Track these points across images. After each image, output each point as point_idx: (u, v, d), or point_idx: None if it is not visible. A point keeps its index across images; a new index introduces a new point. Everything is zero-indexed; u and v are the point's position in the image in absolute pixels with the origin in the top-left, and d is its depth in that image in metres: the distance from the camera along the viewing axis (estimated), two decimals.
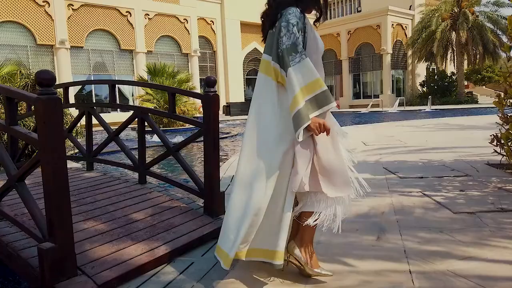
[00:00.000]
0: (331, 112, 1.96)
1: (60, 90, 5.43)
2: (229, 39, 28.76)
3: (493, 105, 4.24)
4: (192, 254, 2.29)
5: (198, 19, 26.57)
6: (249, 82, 32.60)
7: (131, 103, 22.44)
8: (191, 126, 16.06)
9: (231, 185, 2.24)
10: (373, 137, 8.54)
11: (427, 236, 2.42)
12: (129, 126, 3.66)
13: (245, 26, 30.22)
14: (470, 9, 26.82)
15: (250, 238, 1.83)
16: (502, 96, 4.28)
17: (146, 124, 3.26)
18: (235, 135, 12.51)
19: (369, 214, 2.97)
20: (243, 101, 30.21)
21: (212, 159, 2.66)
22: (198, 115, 22.04)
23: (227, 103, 29.20)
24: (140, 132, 3.28)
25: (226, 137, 11.68)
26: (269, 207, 1.80)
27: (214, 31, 28.47)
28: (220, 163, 6.40)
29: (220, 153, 8.23)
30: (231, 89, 29.24)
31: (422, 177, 4.08)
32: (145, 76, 18.71)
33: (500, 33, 26.56)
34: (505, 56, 3.77)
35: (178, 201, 2.87)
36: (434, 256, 2.13)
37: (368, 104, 28.97)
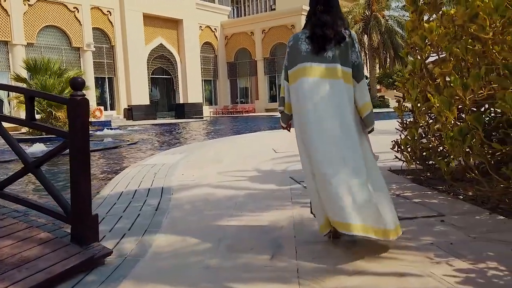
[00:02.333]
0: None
1: None
2: (130, 32, 27.66)
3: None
4: None
5: (91, 8, 25.19)
6: (155, 82, 31.68)
7: (6, 105, 20.32)
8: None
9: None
10: (285, 143, 8.80)
11: (322, 251, 2.51)
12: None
13: (149, 19, 29.36)
14: (381, 12, 29.51)
15: None
16: (401, 101, 4.70)
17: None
18: (135, 142, 12.00)
19: (267, 229, 3.00)
20: (148, 103, 29.24)
21: (81, 176, 2.45)
22: (93, 120, 20.81)
23: (128, 106, 28.01)
24: None
25: (122, 146, 11.14)
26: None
27: (112, 23, 27.17)
28: (110, 176, 6.08)
29: (113, 165, 7.86)
30: (133, 90, 28.05)
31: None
32: (24, 73, 17.10)
33: None
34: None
35: (39, 228, 2.59)
36: (326, 273, 2.19)
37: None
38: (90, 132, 11.80)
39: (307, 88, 2.38)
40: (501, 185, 3.11)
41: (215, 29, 35.72)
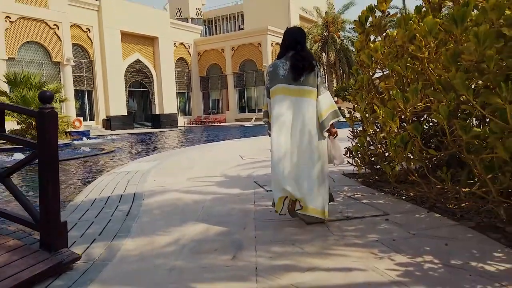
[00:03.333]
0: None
1: None
2: (109, 48, 27.08)
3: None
4: None
5: (71, 25, 24.47)
6: (132, 95, 31.08)
7: None
8: (64, 141, 14.49)
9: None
10: (251, 150, 8.81)
11: (279, 250, 2.49)
12: None
13: (127, 36, 28.88)
14: (337, 33, 30.21)
15: None
16: (352, 112, 4.78)
17: None
18: (111, 151, 11.66)
19: (231, 231, 2.95)
20: (126, 114, 28.63)
21: (50, 185, 2.33)
22: (72, 129, 20.11)
23: (107, 116, 27.33)
24: None
25: (99, 154, 10.79)
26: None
27: (91, 40, 26.52)
28: (85, 184, 5.85)
29: (89, 173, 7.59)
30: (111, 102, 27.41)
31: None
32: (5, 86, 16.37)
33: None
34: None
35: (8, 236, 2.44)
36: (282, 270, 2.17)
37: (252, 118, 30.18)
38: (69, 141, 11.38)
39: (283, 101, 2.95)
40: (437, 187, 3.20)
41: (188, 46, 35.51)
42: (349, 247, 2.46)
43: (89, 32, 26.38)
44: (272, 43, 33.34)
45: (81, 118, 23.37)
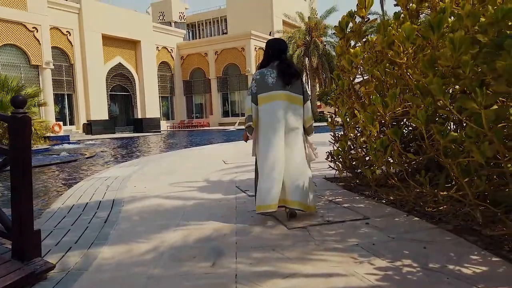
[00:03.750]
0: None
1: None
2: (89, 52, 26.66)
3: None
4: None
5: (51, 28, 24.00)
6: (114, 99, 30.63)
7: None
8: (43, 146, 14.14)
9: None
10: (234, 154, 8.78)
11: (260, 256, 2.46)
12: None
13: (108, 39, 28.51)
14: (319, 38, 30.51)
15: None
16: (333, 117, 4.81)
17: None
18: (92, 156, 11.45)
19: (211, 237, 2.92)
20: (107, 118, 28.17)
21: (22, 192, 2.25)
22: (51, 134, 19.68)
23: (87, 120, 26.86)
24: None
25: (78, 160, 10.57)
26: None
27: (71, 43, 26.07)
28: (64, 190, 5.71)
29: (67, 178, 7.40)
30: (92, 106, 26.95)
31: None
32: None
33: None
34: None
35: None
36: (262, 277, 2.15)
37: (236, 122, 30.15)
38: (48, 146, 11.11)
39: (275, 106, 3.16)
40: (416, 190, 3.24)
41: (171, 49, 35.28)
42: (329, 252, 2.46)
43: (70, 35, 25.93)
44: (255, 48, 33.45)
45: (61, 123, 22.93)
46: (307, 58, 30.91)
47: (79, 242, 2.93)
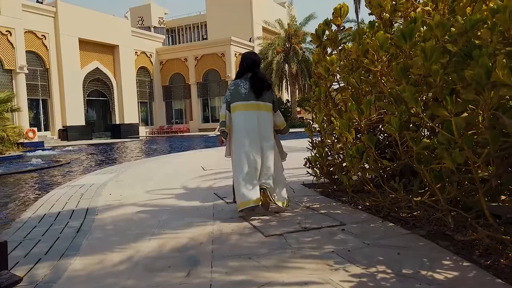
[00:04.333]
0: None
1: None
2: (66, 56, 26.13)
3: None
4: None
5: (26, 32, 23.42)
6: (91, 104, 30.05)
7: None
8: (16, 153, 13.69)
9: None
10: (213, 160, 8.72)
11: (236, 265, 2.43)
12: None
13: (85, 44, 28.04)
14: (298, 45, 30.85)
15: None
16: (311, 123, 4.84)
17: None
18: (67, 163, 11.16)
19: (187, 246, 2.87)
20: (84, 124, 27.59)
21: None
22: (25, 140, 19.11)
23: (63, 126, 26.23)
24: None
25: (53, 167, 10.28)
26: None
27: (46, 47, 25.48)
28: (35, 199, 5.52)
29: (40, 187, 7.18)
30: (68, 111, 26.35)
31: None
32: None
33: None
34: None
35: None
36: (238, 286, 2.12)
37: (216, 128, 30.01)
38: (21, 153, 10.78)
39: (248, 116, 3.52)
40: (391, 196, 3.29)
41: (150, 55, 34.97)
42: (305, 259, 2.45)
43: (45, 39, 25.35)
44: (235, 54, 33.52)
45: (35, 129, 22.32)
46: (286, 64, 31.21)
47: (49, 253, 2.83)
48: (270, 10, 39.89)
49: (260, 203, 3.49)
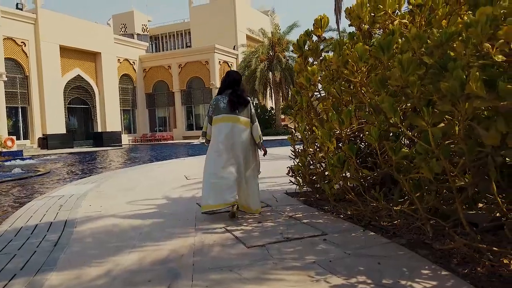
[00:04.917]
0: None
1: None
2: (46, 63, 25.69)
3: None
4: None
5: (4, 39, 22.98)
6: (72, 112, 29.55)
7: None
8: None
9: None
10: (197, 169, 8.63)
11: (217, 278, 2.41)
12: None
13: (66, 51, 27.65)
14: (282, 53, 31.10)
15: None
16: (294, 132, 4.87)
17: None
18: (46, 173, 10.90)
19: (168, 259, 2.83)
20: (64, 132, 27.08)
21: None
22: (3, 149, 18.62)
23: (43, 134, 25.69)
24: None
25: (31, 177, 10.03)
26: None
27: (26, 54, 25.00)
28: (12, 211, 5.36)
29: (18, 198, 6.98)
30: (48, 119, 25.84)
31: (229, 211, 4.21)
32: None
33: None
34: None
35: None
36: None
37: (200, 136, 29.90)
38: None
39: (224, 127, 3.87)
40: (372, 205, 3.32)
41: (133, 62, 34.70)
42: (287, 271, 2.44)
43: (25, 46, 24.89)
44: (219, 61, 33.57)
45: (14, 137, 21.82)
46: (270, 72, 31.37)
47: (25, 269, 2.75)
48: (254, 18, 40.17)
49: (226, 209, 3.85)
